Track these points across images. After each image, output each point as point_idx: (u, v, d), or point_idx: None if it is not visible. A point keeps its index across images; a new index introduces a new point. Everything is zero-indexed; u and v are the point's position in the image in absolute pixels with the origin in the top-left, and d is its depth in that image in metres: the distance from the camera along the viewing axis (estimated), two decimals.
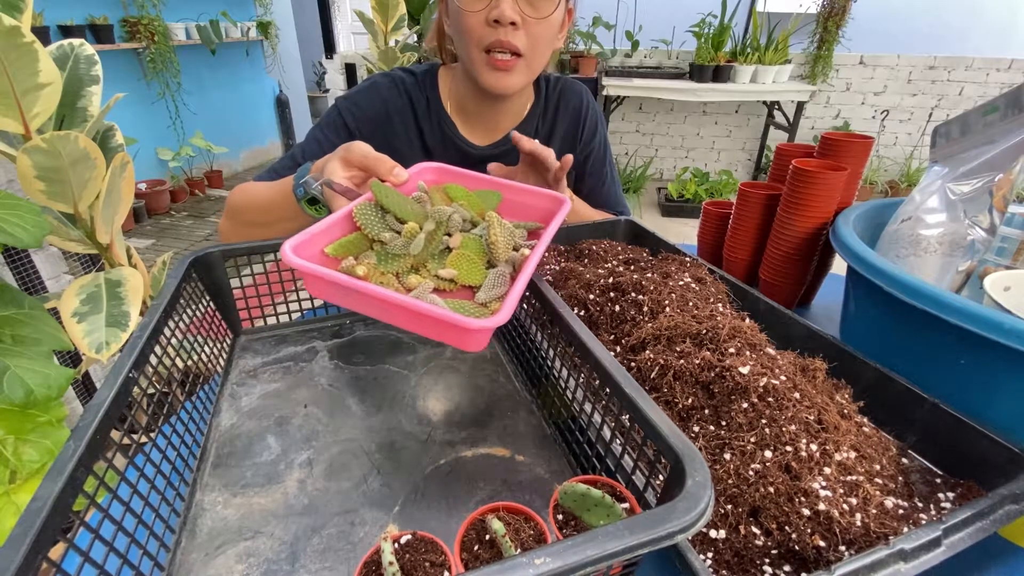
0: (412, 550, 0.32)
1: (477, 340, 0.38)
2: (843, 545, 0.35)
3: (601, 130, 0.95)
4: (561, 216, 0.54)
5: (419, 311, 0.37)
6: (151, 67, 3.39)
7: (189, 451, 0.45)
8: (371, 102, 0.84)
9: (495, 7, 0.69)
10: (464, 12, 0.71)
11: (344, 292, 0.40)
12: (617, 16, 3.78)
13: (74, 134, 0.80)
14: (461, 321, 0.36)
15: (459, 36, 0.74)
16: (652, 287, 0.57)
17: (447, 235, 0.50)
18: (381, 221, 0.48)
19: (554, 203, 0.57)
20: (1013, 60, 3.51)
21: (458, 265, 0.46)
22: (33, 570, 0.26)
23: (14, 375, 0.83)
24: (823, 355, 0.50)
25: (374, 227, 0.47)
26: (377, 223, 0.48)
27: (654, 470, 0.35)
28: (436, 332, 0.38)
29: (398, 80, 0.85)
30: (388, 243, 0.46)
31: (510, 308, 0.38)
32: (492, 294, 0.44)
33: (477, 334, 0.37)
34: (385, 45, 2.22)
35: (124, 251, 1.08)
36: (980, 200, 0.55)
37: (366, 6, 2.25)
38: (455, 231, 0.50)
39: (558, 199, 0.57)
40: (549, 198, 0.58)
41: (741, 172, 4.20)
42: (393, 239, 0.46)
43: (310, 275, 0.39)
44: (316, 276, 0.39)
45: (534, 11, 0.71)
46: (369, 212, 0.48)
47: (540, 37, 0.74)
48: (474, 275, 0.46)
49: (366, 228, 0.47)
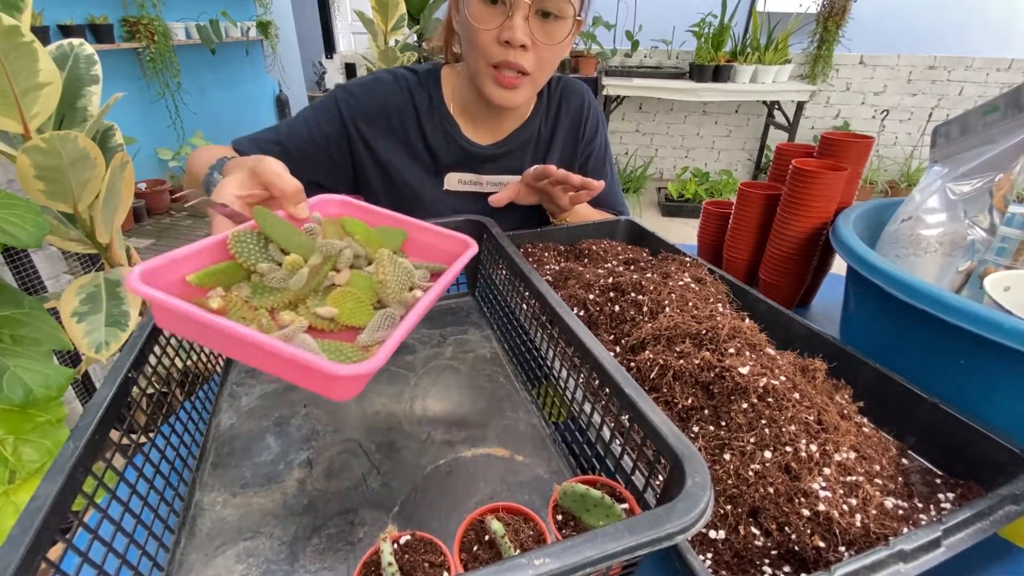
0: (411, 550, 0.32)
1: (347, 388, 0.33)
2: (843, 546, 0.35)
3: (602, 130, 0.95)
4: (464, 259, 0.47)
5: (276, 352, 0.31)
6: (151, 67, 3.39)
7: (188, 451, 0.45)
8: (371, 97, 0.84)
9: (507, 28, 0.69)
10: (476, 28, 0.70)
11: (196, 327, 0.34)
12: (617, 16, 3.78)
13: (74, 134, 0.80)
14: (325, 367, 0.30)
15: (468, 47, 0.74)
16: (652, 287, 0.57)
17: (335, 271, 0.44)
18: (261, 251, 0.42)
19: (462, 246, 0.50)
20: (1013, 60, 3.51)
21: (341, 304, 0.41)
22: (32, 570, 0.26)
23: (14, 375, 0.83)
24: (823, 355, 0.50)
25: (251, 256, 0.41)
26: (256, 252, 0.42)
27: (654, 470, 0.35)
28: (299, 378, 0.32)
29: (401, 78, 0.85)
30: (266, 275, 0.41)
31: (387, 353, 0.32)
32: (376, 336, 0.39)
33: (346, 381, 0.31)
34: (385, 45, 2.22)
35: (124, 251, 1.08)
36: (980, 200, 0.55)
37: (366, 6, 2.25)
38: (344, 267, 0.44)
39: (466, 242, 0.50)
40: (457, 241, 0.51)
41: (741, 172, 4.20)
42: (272, 270, 0.41)
43: (158, 306, 0.34)
44: (164, 307, 0.33)
45: (546, 37, 0.71)
46: (248, 240, 0.42)
47: (548, 60, 0.74)
48: (359, 315, 0.41)
49: (241, 257, 0.41)
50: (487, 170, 0.87)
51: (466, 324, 0.66)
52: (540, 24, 0.70)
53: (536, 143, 0.91)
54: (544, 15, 0.70)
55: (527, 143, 0.90)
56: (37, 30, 2.49)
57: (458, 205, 0.87)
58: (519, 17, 0.68)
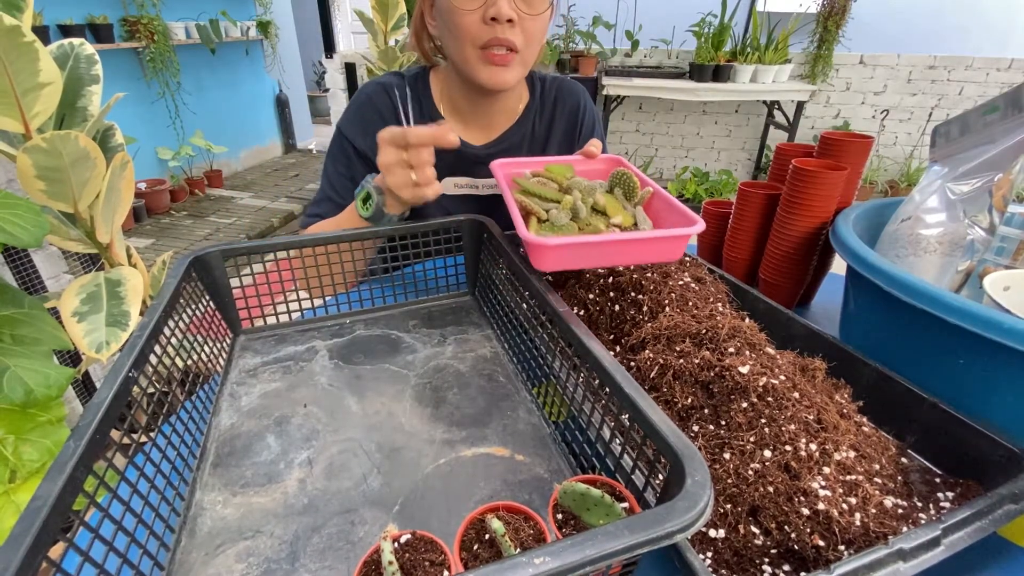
0: (412, 549, 0.32)
1: (682, 246, 0.53)
2: (842, 545, 0.35)
3: (599, 130, 0.95)
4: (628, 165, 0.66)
5: (640, 239, 0.52)
6: (151, 66, 3.39)
7: (189, 451, 0.45)
8: (370, 116, 0.84)
9: (492, 5, 0.69)
10: (459, 11, 0.70)
11: (578, 251, 0.51)
12: (617, 16, 3.78)
13: (74, 133, 0.80)
14: (676, 232, 0.51)
15: (452, 35, 0.74)
16: (652, 287, 0.57)
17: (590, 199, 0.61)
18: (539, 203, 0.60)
19: (610, 163, 0.70)
20: (1013, 60, 3.50)
21: (617, 211, 0.60)
22: (33, 569, 0.26)
23: (14, 375, 0.83)
24: (823, 355, 0.51)
25: (539, 207, 0.58)
26: (536, 204, 0.59)
27: (653, 469, 0.35)
28: (648, 255, 0.53)
29: (388, 86, 0.85)
30: (553, 219, 0.57)
31: (696, 216, 0.54)
32: (646, 224, 0.59)
33: (684, 239, 0.52)
34: (385, 44, 2.22)
35: (124, 251, 1.08)
36: (980, 200, 0.55)
37: (366, 6, 2.25)
38: (594, 193, 0.62)
39: (615, 159, 0.70)
40: (604, 160, 0.71)
41: (741, 172, 4.20)
42: (556, 215, 0.57)
43: (544, 247, 0.49)
44: (552, 247, 0.49)
45: (529, 8, 0.71)
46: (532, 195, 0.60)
47: (534, 32, 0.74)
48: (627, 217, 0.60)
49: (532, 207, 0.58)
50: (483, 172, 0.87)
51: (466, 324, 0.66)
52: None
53: (531, 142, 0.91)
54: None
55: (521, 142, 0.90)
56: (37, 30, 2.49)
57: (456, 208, 0.87)
58: None
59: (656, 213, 0.63)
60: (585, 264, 0.55)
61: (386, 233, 0.67)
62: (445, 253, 0.70)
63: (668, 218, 0.61)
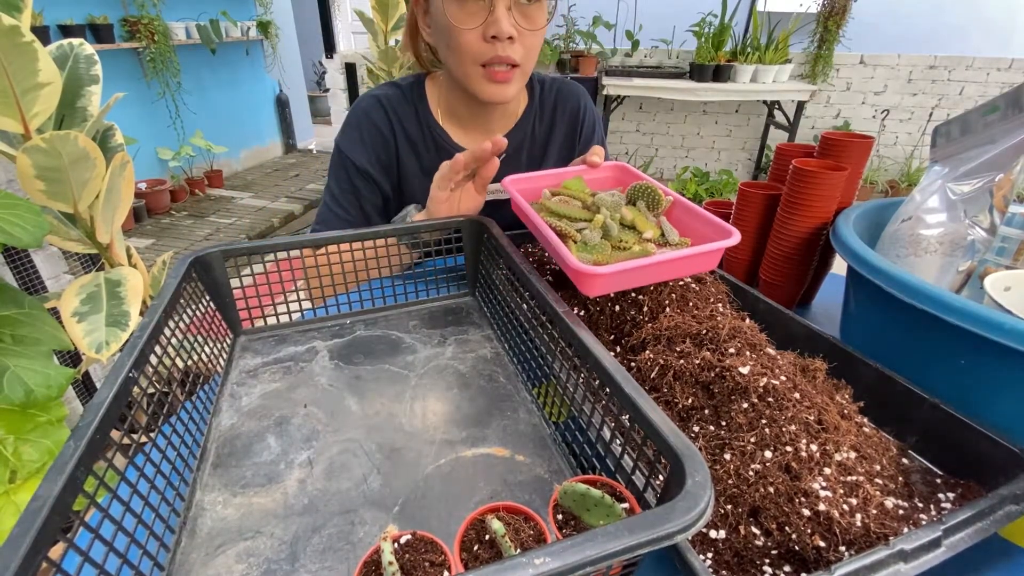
0: (412, 550, 0.32)
1: (720, 256, 0.54)
2: (843, 545, 0.35)
3: (599, 131, 0.95)
4: (635, 173, 0.67)
5: (683, 256, 0.52)
6: (151, 67, 3.39)
7: (189, 451, 0.45)
8: (368, 130, 0.84)
9: (493, 23, 0.68)
10: (458, 29, 0.70)
11: (627, 275, 0.52)
12: (617, 16, 3.78)
13: (74, 134, 0.80)
14: (718, 245, 0.51)
15: (451, 51, 0.74)
16: (652, 287, 0.57)
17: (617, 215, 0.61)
18: (569, 225, 0.59)
19: (615, 170, 0.71)
20: (1013, 60, 3.50)
21: (647, 225, 0.59)
22: (33, 570, 0.26)
23: (14, 375, 0.83)
24: (823, 355, 0.50)
25: (570, 228, 0.58)
26: (568, 225, 0.58)
27: (654, 470, 0.35)
28: (687, 269, 0.54)
29: (383, 99, 0.85)
30: (587, 239, 0.57)
31: (727, 225, 0.54)
32: (674, 235, 0.59)
33: (718, 254, 0.53)
34: (385, 45, 2.22)
35: (124, 251, 1.08)
36: (980, 200, 0.55)
37: (366, 6, 2.25)
38: (620, 208, 0.61)
39: (620, 166, 0.71)
40: (609, 167, 0.71)
41: (741, 172, 4.20)
42: (590, 235, 0.57)
43: (595, 276, 0.49)
44: (603, 275, 0.49)
45: (528, 23, 0.71)
46: (561, 216, 0.60)
47: (534, 45, 0.74)
48: (655, 229, 0.60)
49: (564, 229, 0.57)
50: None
51: (466, 324, 0.66)
52: (521, 11, 0.70)
53: (531, 145, 0.91)
54: (524, 1, 0.70)
55: (521, 145, 0.89)
56: (37, 30, 2.49)
57: None
58: (502, 8, 0.68)
59: (678, 220, 0.62)
60: (631, 285, 0.54)
61: (386, 233, 0.67)
62: (445, 253, 0.70)
63: (692, 225, 0.60)
